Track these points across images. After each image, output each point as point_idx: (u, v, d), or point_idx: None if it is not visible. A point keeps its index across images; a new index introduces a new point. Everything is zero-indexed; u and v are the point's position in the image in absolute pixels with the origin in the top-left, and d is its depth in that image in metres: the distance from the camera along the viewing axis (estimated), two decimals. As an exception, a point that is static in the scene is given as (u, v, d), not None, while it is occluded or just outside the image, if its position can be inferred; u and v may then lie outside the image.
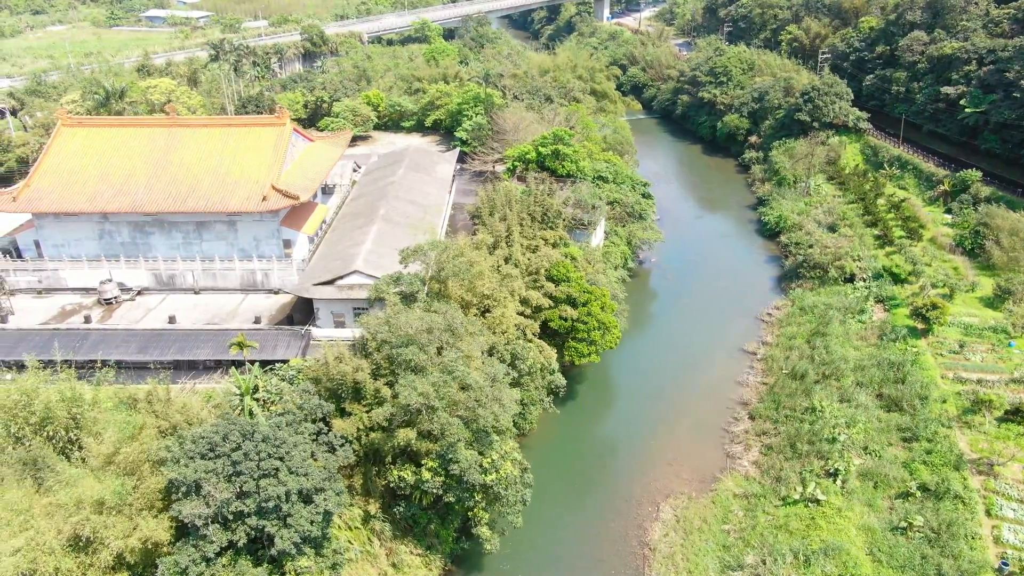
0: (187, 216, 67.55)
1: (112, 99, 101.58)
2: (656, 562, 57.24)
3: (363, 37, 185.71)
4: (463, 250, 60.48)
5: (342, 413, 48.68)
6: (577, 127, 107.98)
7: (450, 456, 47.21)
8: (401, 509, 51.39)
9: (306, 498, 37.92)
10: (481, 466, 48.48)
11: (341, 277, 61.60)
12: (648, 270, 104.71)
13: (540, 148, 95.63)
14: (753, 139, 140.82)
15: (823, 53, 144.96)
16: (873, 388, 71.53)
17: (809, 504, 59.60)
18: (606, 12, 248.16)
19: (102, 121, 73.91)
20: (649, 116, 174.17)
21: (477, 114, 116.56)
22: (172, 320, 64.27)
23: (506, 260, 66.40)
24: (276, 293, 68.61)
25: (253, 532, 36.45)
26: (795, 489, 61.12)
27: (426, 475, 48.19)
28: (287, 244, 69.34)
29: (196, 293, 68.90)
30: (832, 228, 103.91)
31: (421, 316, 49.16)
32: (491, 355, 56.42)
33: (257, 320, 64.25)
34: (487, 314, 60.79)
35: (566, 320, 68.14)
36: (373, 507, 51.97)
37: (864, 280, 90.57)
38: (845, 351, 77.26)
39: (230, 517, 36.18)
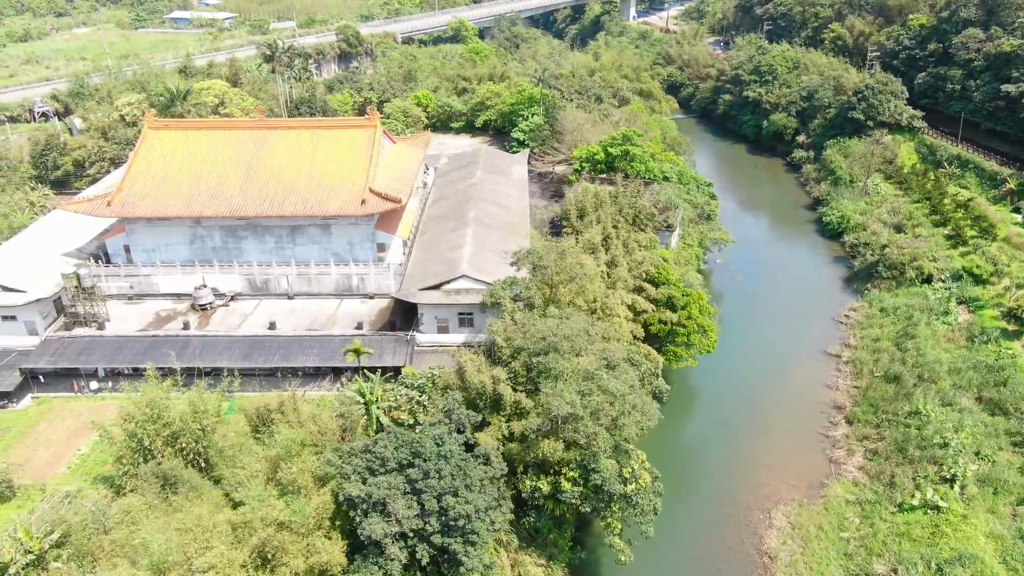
0: (281, 220, 66.35)
1: (177, 101, 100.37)
2: (778, 571, 56.12)
3: (397, 37, 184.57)
4: (571, 252, 59.33)
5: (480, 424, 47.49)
6: (639, 127, 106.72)
7: (592, 466, 46.04)
8: (532, 519, 50.19)
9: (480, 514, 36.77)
10: (621, 475, 47.26)
11: (447, 282, 60.46)
12: (711, 270, 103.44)
13: (609, 148, 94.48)
14: (801, 138, 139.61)
15: (872, 51, 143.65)
16: (972, 391, 70.27)
17: (929, 511, 58.45)
18: (632, 11, 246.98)
19: (187, 123, 72.75)
20: (687, 115, 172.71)
21: (534, 115, 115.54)
22: (272, 326, 63.14)
23: (609, 264, 65.18)
24: (371, 298, 67.43)
25: (434, 550, 35.25)
26: (911, 495, 60.00)
27: (565, 485, 47.01)
28: (381, 248, 68.15)
29: (290, 298, 67.74)
30: (899, 228, 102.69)
31: (558, 322, 47.96)
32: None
33: (359, 326, 63.10)
34: (597, 321, 59.54)
35: (665, 324, 66.97)
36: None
37: (943, 281, 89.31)
38: (936, 353, 76.01)
39: (410, 535, 34.98)
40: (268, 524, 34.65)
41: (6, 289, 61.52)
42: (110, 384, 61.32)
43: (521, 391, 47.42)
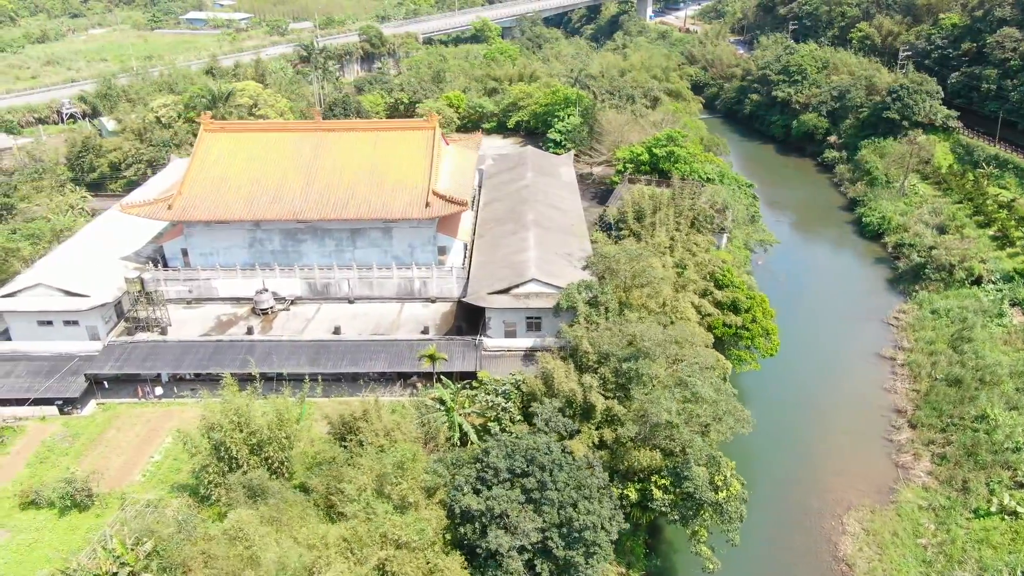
0: (342, 223, 65.57)
1: (219, 102, 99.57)
2: (858, 578, 55.36)
3: (418, 37, 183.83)
4: (644, 255, 58.57)
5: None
6: (679, 127, 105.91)
7: (685, 474, 45.27)
8: (615, 527, 49.37)
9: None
10: (712, 483, 46.51)
11: (516, 285, 59.64)
12: (751, 271, 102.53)
13: (654, 149, 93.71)
14: (833, 139, 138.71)
15: (904, 50, 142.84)
16: (1037, 395, 69.49)
17: (1007, 516, 57.70)
18: (649, 10, 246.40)
19: (244, 126, 71.99)
20: (712, 115, 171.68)
21: (569, 115, 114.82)
22: (337, 331, 62.33)
23: (676, 267, 64.39)
24: (433, 302, 66.68)
25: (552, 563, 34.44)
26: (986, 501, 59.27)
27: (657, 493, 46.21)
28: (441, 251, 67.40)
29: (350, 302, 66.98)
30: (942, 229, 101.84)
31: (649, 326, 47.19)
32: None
33: (425, 331, 62.32)
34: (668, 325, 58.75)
35: (730, 327, 66.20)
36: (585, 525, 50.04)
37: (993, 282, 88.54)
38: (995, 356, 75.22)
39: (527, 547, 34.17)
40: (388, 542, 33.71)
41: (68, 293, 60.73)
42: (175, 390, 60.60)
43: (611, 398, 46.60)
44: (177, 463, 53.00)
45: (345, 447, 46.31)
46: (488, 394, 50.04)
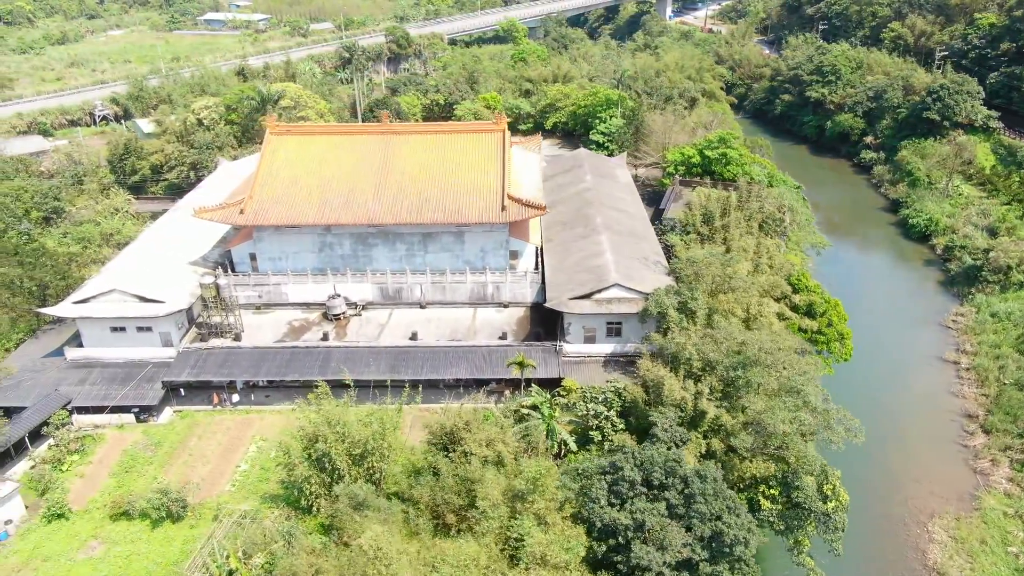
0: (414, 227, 64.70)
1: (268, 104, 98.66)
2: (951, 588, 54.50)
3: (444, 38, 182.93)
4: (726, 260, 57.74)
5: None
6: (728, 128, 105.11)
7: (796, 483, 44.41)
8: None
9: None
10: (821, 492, 45.67)
11: (598, 291, 58.76)
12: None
13: (706, 151, 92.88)
14: (869, 139, 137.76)
15: (940, 50, 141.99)
16: (1111, 399, 68.66)
17: (1098, 524, 56.87)
18: (669, 10, 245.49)
19: (310, 128, 71.09)
20: (741, 116, 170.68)
21: (611, 116, 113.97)
22: (414, 337, 61.47)
23: (755, 271, 63.53)
24: (506, 307, 65.77)
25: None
26: (1074, 508, 58.43)
27: (765, 503, 45.37)
28: (513, 255, 66.49)
29: (422, 307, 66.10)
30: (992, 231, 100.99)
31: (757, 334, 46.33)
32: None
33: (503, 336, 61.44)
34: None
35: (805, 332, 65.34)
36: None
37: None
38: (1064, 360, 74.42)
39: (668, 562, 33.31)
40: (534, 561, 32.78)
41: (143, 299, 59.84)
42: (251, 397, 59.73)
43: (719, 407, 45.73)
44: (265, 472, 52.17)
45: (449, 457, 45.43)
46: (588, 402, 49.15)
